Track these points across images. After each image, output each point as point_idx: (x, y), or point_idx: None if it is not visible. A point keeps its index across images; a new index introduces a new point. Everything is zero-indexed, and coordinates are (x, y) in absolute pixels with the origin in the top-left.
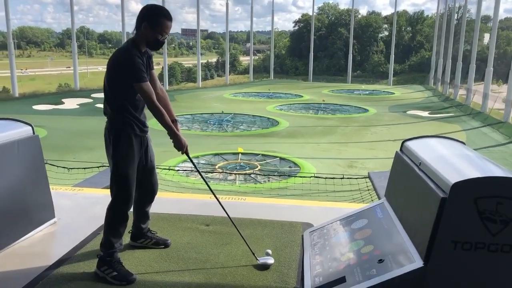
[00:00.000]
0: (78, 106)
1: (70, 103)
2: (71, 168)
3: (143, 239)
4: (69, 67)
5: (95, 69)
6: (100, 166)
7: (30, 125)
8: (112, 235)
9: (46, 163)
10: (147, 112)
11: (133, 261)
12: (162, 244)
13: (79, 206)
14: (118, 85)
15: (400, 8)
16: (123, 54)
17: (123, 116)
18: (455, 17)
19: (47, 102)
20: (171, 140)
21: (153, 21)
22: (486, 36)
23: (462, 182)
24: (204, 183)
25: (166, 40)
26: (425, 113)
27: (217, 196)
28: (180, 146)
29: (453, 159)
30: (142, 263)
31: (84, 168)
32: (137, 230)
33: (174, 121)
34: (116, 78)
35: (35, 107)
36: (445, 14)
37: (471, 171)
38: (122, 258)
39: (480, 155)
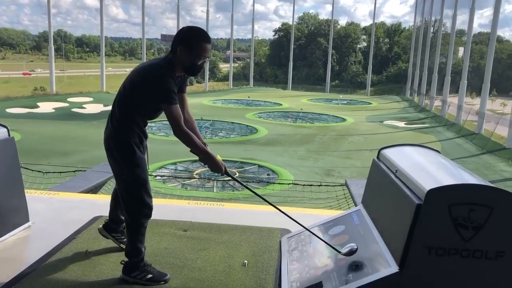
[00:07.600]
0: (53, 110)
1: (46, 107)
2: (46, 172)
3: (119, 234)
4: (33, 71)
5: (74, 73)
6: (76, 171)
7: (6, 127)
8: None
9: (21, 166)
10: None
11: (109, 265)
12: None
13: (54, 210)
14: (141, 99)
15: (379, 19)
16: (158, 71)
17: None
18: (431, 30)
19: (21, 105)
20: (205, 164)
21: (190, 44)
22: (461, 50)
23: (437, 189)
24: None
25: (205, 64)
26: (401, 124)
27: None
28: (218, 167)
29: (428, 167)
30: (118, 267)
31: (60, 173)
32: (115, 223)
33: (204, 145)
34: (142, 92)
35: (9, 110)
36: (421, 27)
37: (446, 179)
38: (99, 262)
39: (454, 164)
